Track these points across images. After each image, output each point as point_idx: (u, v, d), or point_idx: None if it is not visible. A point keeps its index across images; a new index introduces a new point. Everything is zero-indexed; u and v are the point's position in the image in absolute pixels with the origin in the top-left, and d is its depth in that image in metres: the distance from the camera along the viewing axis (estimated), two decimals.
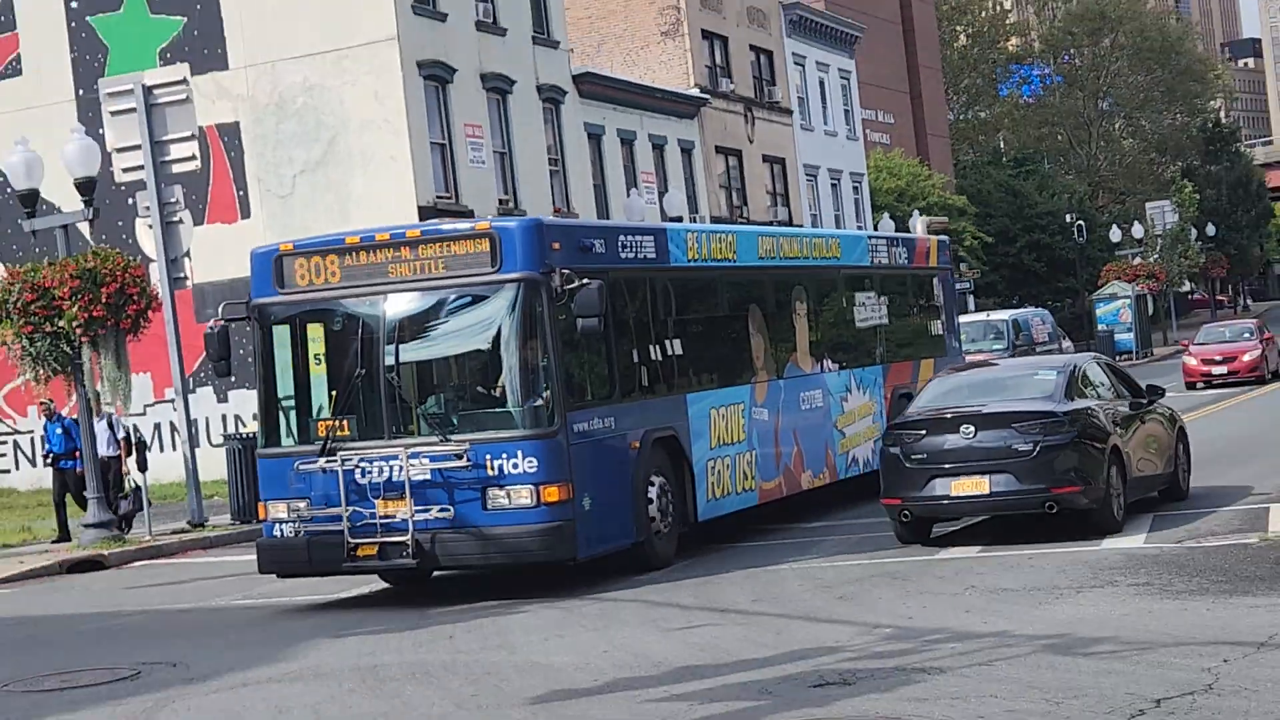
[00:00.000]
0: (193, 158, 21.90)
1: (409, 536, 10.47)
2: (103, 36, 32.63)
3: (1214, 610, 10.54)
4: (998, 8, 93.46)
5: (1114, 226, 71.19)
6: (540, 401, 10.85)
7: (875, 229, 49.95)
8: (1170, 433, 15.07)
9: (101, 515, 19.62)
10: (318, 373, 11.62)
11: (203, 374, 29.19)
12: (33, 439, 30.63)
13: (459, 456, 10.50)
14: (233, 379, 21.82)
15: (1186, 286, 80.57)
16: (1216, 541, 13.80)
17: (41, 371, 20.27)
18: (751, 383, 15.59)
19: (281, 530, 10.98)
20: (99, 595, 16.00)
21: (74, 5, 32.93)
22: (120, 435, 21.60)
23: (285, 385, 11.48)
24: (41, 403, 22.60)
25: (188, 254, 21.96)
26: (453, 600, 11.24)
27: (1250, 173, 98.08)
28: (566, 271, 10.64)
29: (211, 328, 11.86)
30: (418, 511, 10.46)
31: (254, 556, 13.10)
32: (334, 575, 11.53)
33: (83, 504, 20.36)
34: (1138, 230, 67.72)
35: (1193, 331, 50.15)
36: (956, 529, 13.90)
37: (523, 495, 10.52)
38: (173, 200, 20.90)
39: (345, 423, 10.98)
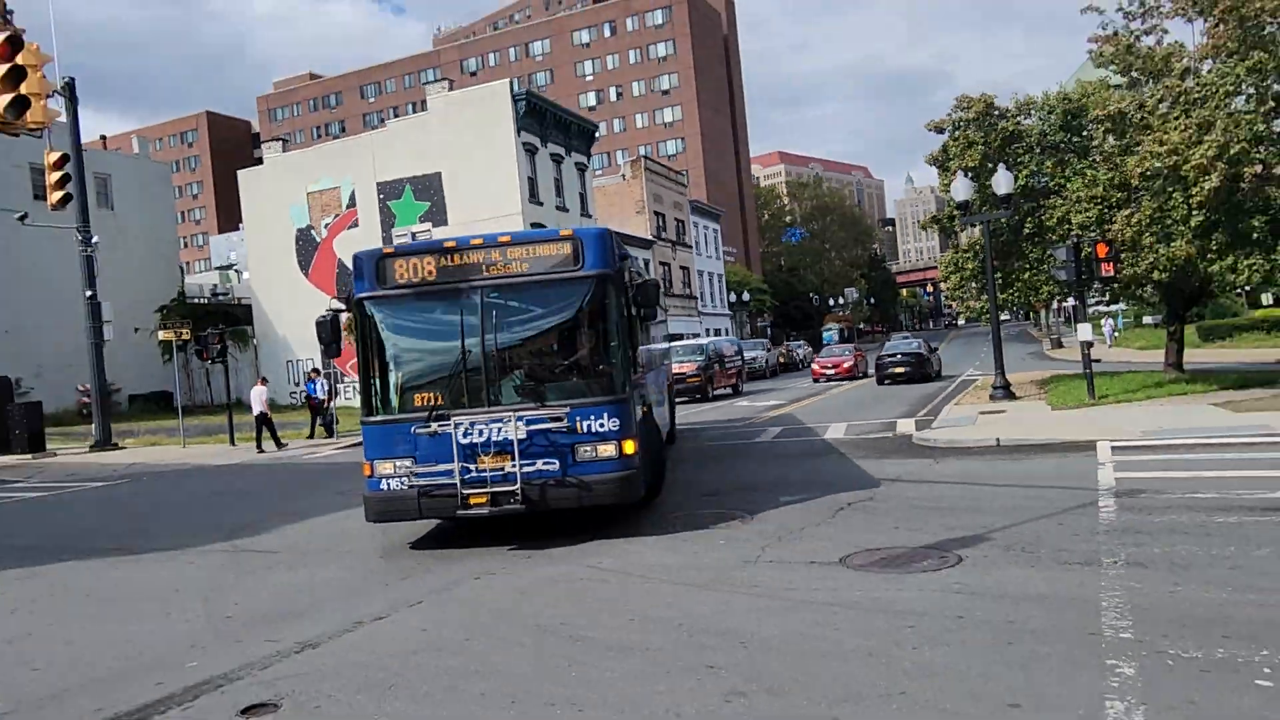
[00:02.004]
0: None
1: (518, 486, 9.51)
2: (393, 210, 44.35)
3: (875, 462, 14.41)
4: (779, 202, 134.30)
5: (830, 299, 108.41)
6: (616, 372, 10.02)
7: (729, 305, 76.95)
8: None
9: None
10: (416, 353, 10.40)
11: None
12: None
13: (557, 419, 9.61)
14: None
15: (863, 325, 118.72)
16: (873, 435, 18.39)
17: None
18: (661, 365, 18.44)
19: (389, 484, 9.85)
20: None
21: (382, 195, 44.62)
22: (326, 387, 28.42)
23: (387, 364, 10.20)
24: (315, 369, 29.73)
25: None
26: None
27: (890, 276, 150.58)
28: (634, 270, 10.12)
29: (324, 317, 10.67)
30: (524, 465, 9.55)
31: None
32: (440, 520, 10.85)
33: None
34: (841, 300, 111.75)
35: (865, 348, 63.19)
36: None
37: (608, 449, 9.75)
38: None
39: (449, 393, 9.90)
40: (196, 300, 51.48)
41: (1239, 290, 30.34)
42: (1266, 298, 52.89)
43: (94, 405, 29.48)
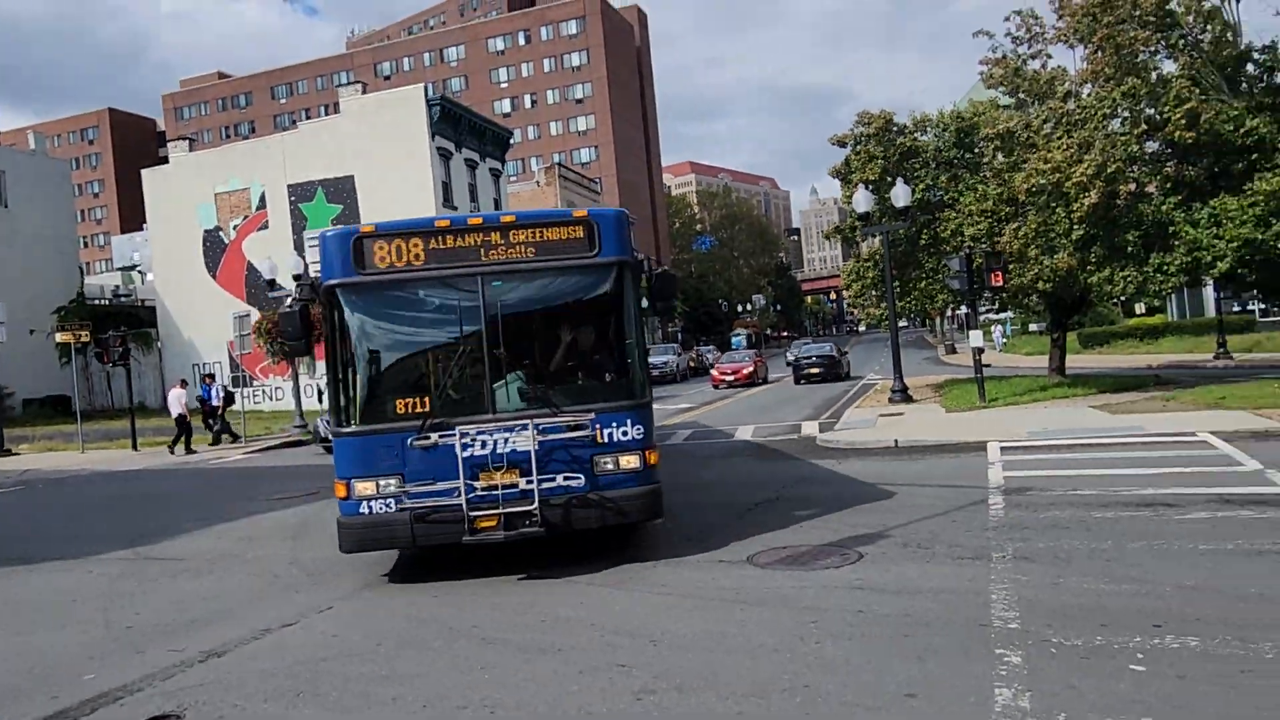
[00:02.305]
0: None
1: (535, 505, 7.87)
2: (304, 212, 43.14)
3: (782, 463, 16.19)
4: (690, 211, 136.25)
5: (739, 305, 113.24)
6: (636, 374, 8.60)
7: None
8: None
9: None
10: (399, 352, 8.67)
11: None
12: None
13: (578, 427, 8.05)
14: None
15: (770, 331, 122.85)
16: (779, 437, 18.78)
17: (275, 360, 30.10)
18: None
19: (370, 507, 7.95)
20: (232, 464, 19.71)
21: (293, 198, 43.39)
22: (221, 393, 27.70)
23: (365, 364, 8.31)
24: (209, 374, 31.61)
25: None
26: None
27: (796, 284, 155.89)
28: (652, 258, 10.91)
29: (290, 307, 8.70)
30: (542, 481, 7.92)
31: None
32: (439, 547, 8.51)
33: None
34: (749, 307, 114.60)
35: (771, 353, 61.28)
36: None
37: (632, 460, 8.28)
38: None
39: (442, 399, 8.18)
40: (97, 301, 49.20)
41: (1115, 300, 31.58)
42: (1139, 307, 55.36)
43: None
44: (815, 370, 39.25)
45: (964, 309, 32.90)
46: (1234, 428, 14.59)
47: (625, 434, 8.34)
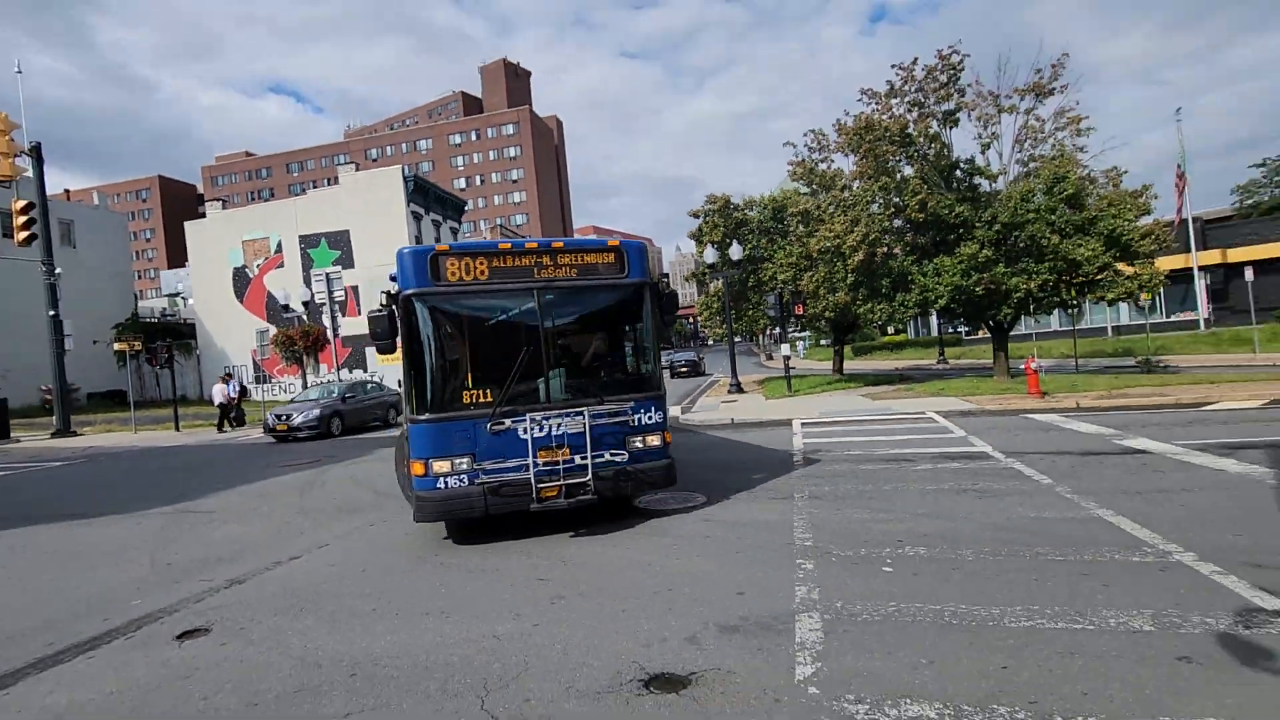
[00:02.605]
0: (344, 296, 29.11)
1: (589, 477, 7.04)
2: (312, 256, 40.58)
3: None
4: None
5: None
6: (656, 371, 7.67)
7: None
8: None
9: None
10: (469, 352, 7.30)
11: (346, 366, 37.19)
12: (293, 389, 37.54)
13: (619, 413, 7.25)
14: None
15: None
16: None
17: (288, 363, 28.07)
18: None
19: (446, 483, 6.86)
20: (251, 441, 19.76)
21: (303, 245, 40.73)
22: (238, 388, 24.57)
23: (439, 362, 7.01)
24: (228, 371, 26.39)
25: (339, 326, 25.65)
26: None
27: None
28: (664, 279, 8.09)
29: (379, 311, 7.16)
30: (594, 457, 7.10)
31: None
32: (506, 515, 7.24)
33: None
34: None
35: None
36: None
37: (656, 440, 7.44)
38: (336, 309, 25.03)
39: (504, 391, 6.97)
40: (148, 320, 45.25)
41: (875, 324, 32.92)
42: (891, 329, 58.03)
43: (55, 399, 25.24)
44: (684, 369, 39.80)
45: (778, 329, 33.66)
46: (949, 409, 15.16)
47: (651, 419, 7.52)
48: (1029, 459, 9.35)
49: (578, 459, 7.13)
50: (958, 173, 21.03)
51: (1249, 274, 24.54)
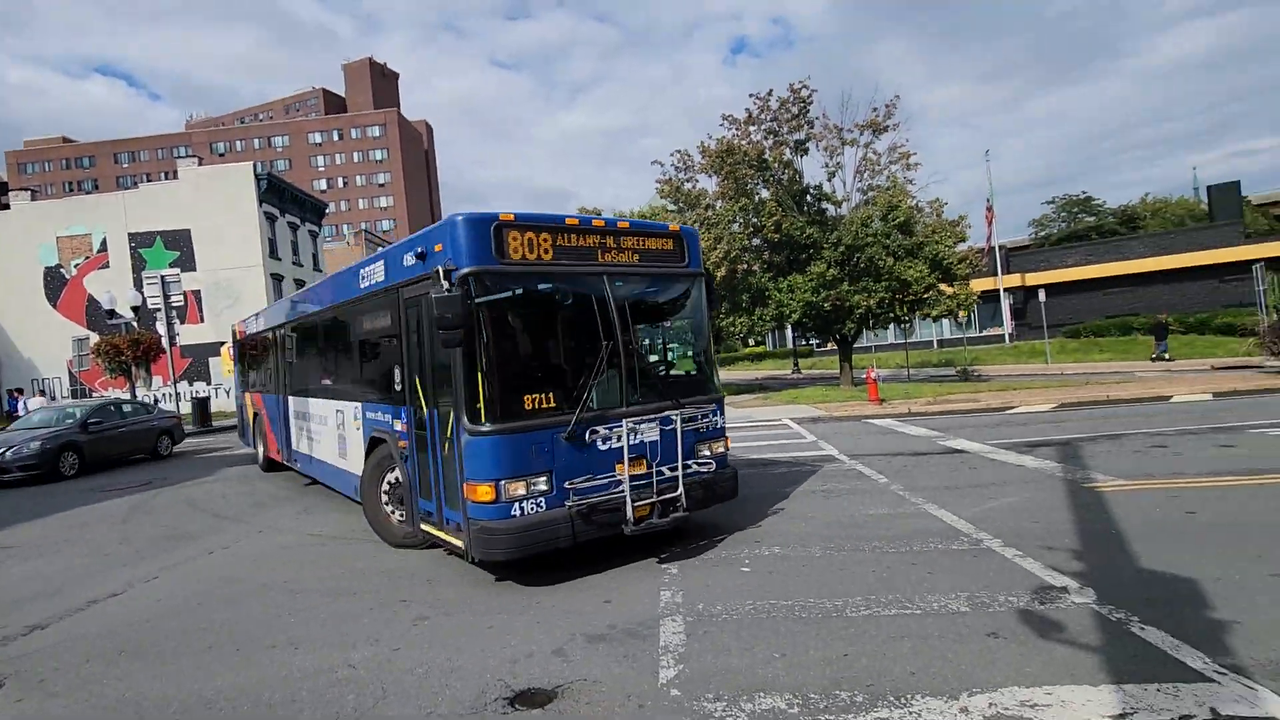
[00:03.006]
0: (183, 300, 23.83)
1: (680, 491, 5.91)
2: (144, 256, 36.04)
3: None
4: None
5: None
6: (715, 371, 6.82)
7: None
8: None
9: None
10: (539, 346, 5.89)
11: (186, 378, 33.34)
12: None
13: (699, 417, 6.26)
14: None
15: None
16: None
17: (113, 375, 23.46)
18: None
19: (523, 509, 5.31)
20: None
21: (134, 244, 36.14)
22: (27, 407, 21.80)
23: (504, 359, 5.44)
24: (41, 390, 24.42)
25: (178, 334, 23.73)
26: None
27: None
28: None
29: (449, 290, 5.23)
30: (685, 468, 6.04)
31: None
32: (592, 542, 5.80)
33: None
34: None
35: None
36: None
37: (721, 446, 6.48)
38: (174, 315, 22.88)
39: (576, 394, 5.62)
40: None
41: (738, 336, 34.38)
42: (751, 341, 60.86)
43: None
44: None
45: None
46: (802, 416, 15.91)
47: (719, 423, 6.52)
48: (869, 460, 9.91)
49: (666, 470, 5.98)
50: (808, 197, 22.26)
51: (1042, 296, 28.16)
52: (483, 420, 5.31)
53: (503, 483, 5.29)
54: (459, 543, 5.62)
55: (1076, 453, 9.31)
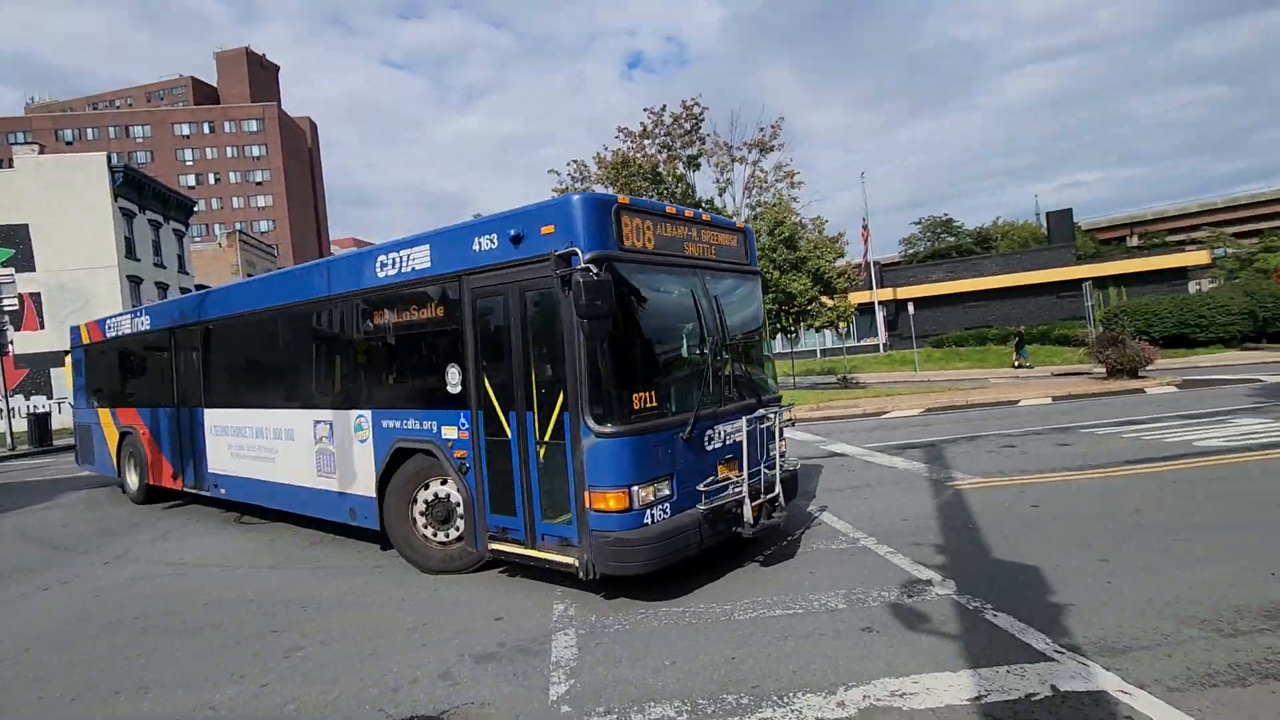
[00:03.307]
0: (18, 304, 23.25)
1: (778, 491, 5.76)
2: None
3: None
4: None
5: None
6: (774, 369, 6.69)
7: None
8: None
9: None
10: (655, 340, 5.39)
11: (21, 391, 30.18)
12: None
13: (783, 416, 6.15)
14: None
15: None
16: None
17: None
18: None
19: (653, 515, 4.93)
20: None
21: None
22: None
23: (624, 354, 5.04)
24: None
25: (12, 342, 22.75)
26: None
27: None
28: None
29: (593, 274, 4.67)
30: (780, 466, 5.90)
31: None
32: (700, 550, 5.21)
33: None
34: None
35: None
36: None
37: (784, 445, 6.34)
38: (7, 321, 21.69)
39: (687, 391, 5.40)
40: None
41: None
42: None
43: None
44: None
45: None
46: None
47: (784, 422, 6.27)
48: None
49: (765, 469, 5.81)
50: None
51: (911, 309, 30.47)
52: (612, 421, 4.86)
53: (635, 488, 4.86)
54: (568, 560, 5.09)
55: (941, 454, 9.95)
